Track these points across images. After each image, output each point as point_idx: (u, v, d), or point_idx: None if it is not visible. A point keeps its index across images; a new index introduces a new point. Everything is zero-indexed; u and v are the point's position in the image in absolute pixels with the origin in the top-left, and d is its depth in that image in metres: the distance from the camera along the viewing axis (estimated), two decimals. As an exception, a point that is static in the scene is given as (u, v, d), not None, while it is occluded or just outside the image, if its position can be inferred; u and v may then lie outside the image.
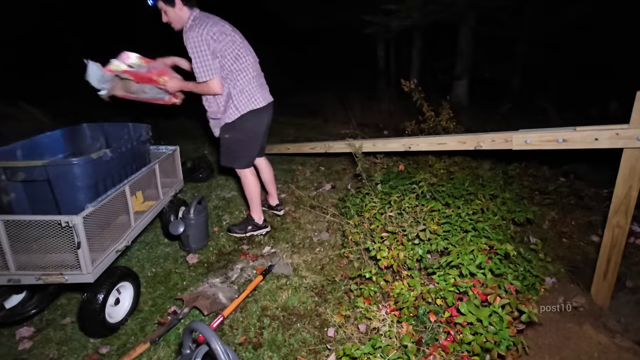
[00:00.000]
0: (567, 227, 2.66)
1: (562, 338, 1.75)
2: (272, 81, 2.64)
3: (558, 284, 2.12)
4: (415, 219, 2.02)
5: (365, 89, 7.49)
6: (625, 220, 1.75)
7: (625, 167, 1.70)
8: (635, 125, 1.63)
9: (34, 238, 1.57)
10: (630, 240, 2.44)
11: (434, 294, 1.55)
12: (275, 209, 2.95)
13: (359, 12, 6.10)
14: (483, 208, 2.16)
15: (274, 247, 2.52)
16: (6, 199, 1.85)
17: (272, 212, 2.95)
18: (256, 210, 2.63)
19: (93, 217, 1.65)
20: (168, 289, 2.11)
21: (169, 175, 2.60)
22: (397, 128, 4.42)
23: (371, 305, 1.72)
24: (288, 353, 1.66)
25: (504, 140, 2.11)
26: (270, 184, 2.87)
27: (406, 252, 1.81)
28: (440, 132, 3.28)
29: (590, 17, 5.45)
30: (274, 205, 2.94)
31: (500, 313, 1.37)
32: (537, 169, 3.24)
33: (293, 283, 2.13)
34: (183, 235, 2.36)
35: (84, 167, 1.77)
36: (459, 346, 1.40)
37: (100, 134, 2.52)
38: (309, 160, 4.15)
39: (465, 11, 5.52)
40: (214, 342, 1.01)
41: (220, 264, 2.33)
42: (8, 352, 1.70)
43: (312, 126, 6.03)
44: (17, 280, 1.58)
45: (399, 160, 3.37)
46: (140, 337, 1.77)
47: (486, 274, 1.54)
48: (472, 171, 3.00)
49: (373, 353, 1.39)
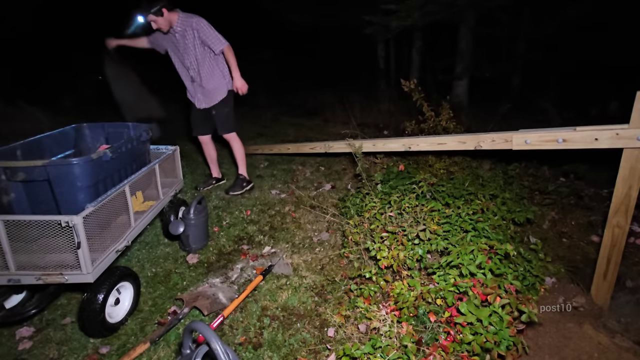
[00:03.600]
0: (567, 227, 2.65)
1: (562, 338, 1.75)
2: (273, 81, 2.68)
3: (558, 284, 2.12)
4: (415, 219, 2.02)
5: (365, 89, 7.49)
6: (625, 220, 1.75)
7: (625, 167, 1.70)
8: (635, 125, 1.63)
9: (34, 238, 1.57)
10: (630, 240, 2.44)
11: (434, 294, 1.55)
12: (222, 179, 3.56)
13: (358, 12, 6.09)
14: (483, 208, 2.16)
15: (274, 247, 2.52)
16: (6, 199, 1.85)
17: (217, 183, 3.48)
18: (244, 167, 3.33)
19: (93, 217, 1.65)
20: (168, 289, 2.11)
21: (169, 175, 2.60)
22: (397, 128, 4.42)
23: (371, 305, 1.72)
24: (288, 353, 1.66)
25: (504, 140, 2.11)
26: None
27: (406, 252, 1.81)
28: (440, 132, 3.28)
29: (591, 16, 5.44)
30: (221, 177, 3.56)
31: (500, 313, 1.37)
32: (537, 169, 3.23)
33: (293, 283, 2.13)
34: (183, 235, 2.36)
35: (84, 167, 1.77)
36: (459, 346, 1.40)
37: (101, 134, 2.52)
38: (309, 160, 4.15)
39: (465, 11, 5.51)
40: (214, 342, 1.01)
41: (220, 264, 2.33)
42: (8, 352, 1.70)
43: (312, 126, 6.04)
44: (17, 280, 1.58)
45: (399, 160, 3.36)
46: (140, 337, 1.77)
47: (486, 274, 1.54)
48: (472, 171, 3.00)
49: (373, 353, 1.39)
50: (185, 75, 2.99)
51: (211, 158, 3.38)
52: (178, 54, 2.91)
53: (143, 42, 3.03)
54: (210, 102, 3.03)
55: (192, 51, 2.82)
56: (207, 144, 3.28)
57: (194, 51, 2.82)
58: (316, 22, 8.18)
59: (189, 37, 2.78)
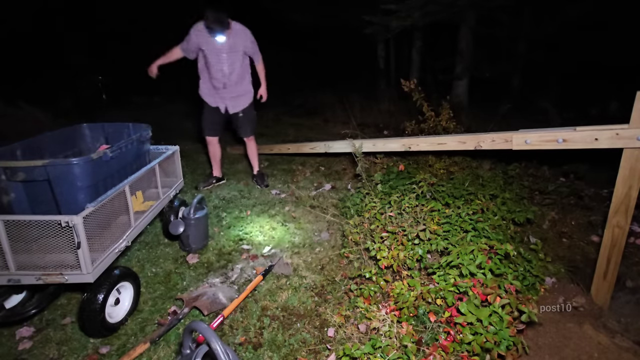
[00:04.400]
0: (567, 227, 2.65)
1: (562, 338, 1.75)
2: (273, 81, 2.70)
3: (558, 284, 2.12)
4: (415, 219, 2.02)
5: (365, 89, 7.49)
6: (625, 220, 1.75)
7: (625, 167, 1.70)
8: (635, 125, 1.63)
9: (34, 238, 1.57)
10: (630, 240, 2.44)
11: (434, 294, 1.55)
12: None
13: (359, 12, 6.09)
14: (483, 208, 2.16)
15: (274, 247, 2.52)
16: (6, 199, 1.85)
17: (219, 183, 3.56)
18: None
19: (93, 217, 1.65)
20: (168, 289, 2.11)
21: (169, 175, 2.60)
22: (397, 128, 4.42)
23: (371, 305, 1.72)
24: (288, 353, 1.66)
25: (504, 140, 2.11)
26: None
27: (406, 252, 1.81)
28: (440, 132, 3.28)
29: (591, 16, 5.44)
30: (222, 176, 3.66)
31: (500, 313, 1.37)
32: (537, 169, 3.23)
33: (293, 283, 2.12)
34: (183, 235, 2.36)
35: (84, 167, 1.77)
36: (459, 346, 1.40)
37: (100, 134, 2.52)
38: (309, 160, 4.15)
39: (465, 11, 5.51)
40: (214, 342, 1.01)
41: (220, 264, 2.33)
42: (8, 352, 1.70)
43: (312, 126, 6.04)
44: (17, 280, 1.58)
45: (399, 160, 3.36)
46: (140, 337, 1.77)
47: (486, 274, 1.54)
48: (472, 171, 3.00)
49: (373, 353, 1.39)
50: (218, 80, 3.03)
51: (216, 158, 3.45)
52: (219, 58, 2.95)
53: (177, 53, 3.05)
54: (239, 107, 3.18)
55: (237, 58, 2.99)
56: (215, 145, 3.36)
57: (239, 58, 3.00)
58: (317, 22, 8.17)
59: (239, 45, 2.96)
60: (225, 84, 3.04)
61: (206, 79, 3.09)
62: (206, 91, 3.15)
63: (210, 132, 3.28)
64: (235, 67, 3.01)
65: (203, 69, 3.07)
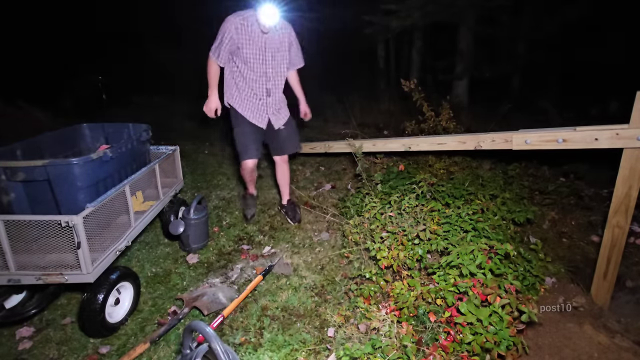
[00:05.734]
0: (567, 227, 2.66)
1: (562, 338, 1.75)
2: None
3: (558, 284, 2.12)
4: (415, 219, 2.02)
5: (365, 89, 7.48)
6: (625, 220, 1.75)
7: (625, 167, 1.70)
8: (635, 125, 1.63)
9: (34, 238, 1.57)
10: (630, 240, 2.44)
11: (434, 294, 1.55)
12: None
13: (358, 12, 6.09)
14: (483, 208, 2.16)
15: (274, 247, 2.52)
16: (6, 199, 1.85)
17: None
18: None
19: (93, 217, 1.65)
20: (168, 289, 2.11)
21: (169, 175, 2.60)
22: (397, 128, 4.42)
23: (371, 305, 1.72)
24: (288, 353, 1.66)
25: (504, 140, 2.11)
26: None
27: (406, 252, 1.81)
28: (440, 132, 3.28)
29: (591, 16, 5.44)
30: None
31: (500, 313, 1.37)
32: (537, 169, 3.23)
33: (293, 283, 2.12)
34: (183, 235, 2.36)
35: (84, 167, 1.77)
36: (459, 346, 1.40)
37: (100, 134, 2.52)
38: (309, 160, 4.15)
39: (465, 11, 5.51)
40: (214, 342, 1.01)
41: (220, 264, 2.33)
42: (8, 352, 1.70)
43: (312, 126, 6.03)
44: (17, 280, 1.58)
45: (399, 160, 3.36)
46: (140, 337, 1.77)
47: (486, 274, 1.54)
48: (472, 171, 3.00)
49: (373, 353, 1.40)
50: (260, 87, 2.45)
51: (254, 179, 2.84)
52: (263, 59, 2.38)
53: (216, 69, 2.42)
54: (282, 120, 2.62)
55: (284, 59, 2.46)
56: (255, 169, 2.70)
57: (285, 59, 2.47)
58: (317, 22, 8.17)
59: (285, 46, 2.43)
60: (269, 90, 2.47)
61: (242, 87, 2.45)
62: (245, 103, 2.48)
63: (253, 154, 2.55)
64: (281, 70, 2.48)
65: (238, 75, 2.43)
